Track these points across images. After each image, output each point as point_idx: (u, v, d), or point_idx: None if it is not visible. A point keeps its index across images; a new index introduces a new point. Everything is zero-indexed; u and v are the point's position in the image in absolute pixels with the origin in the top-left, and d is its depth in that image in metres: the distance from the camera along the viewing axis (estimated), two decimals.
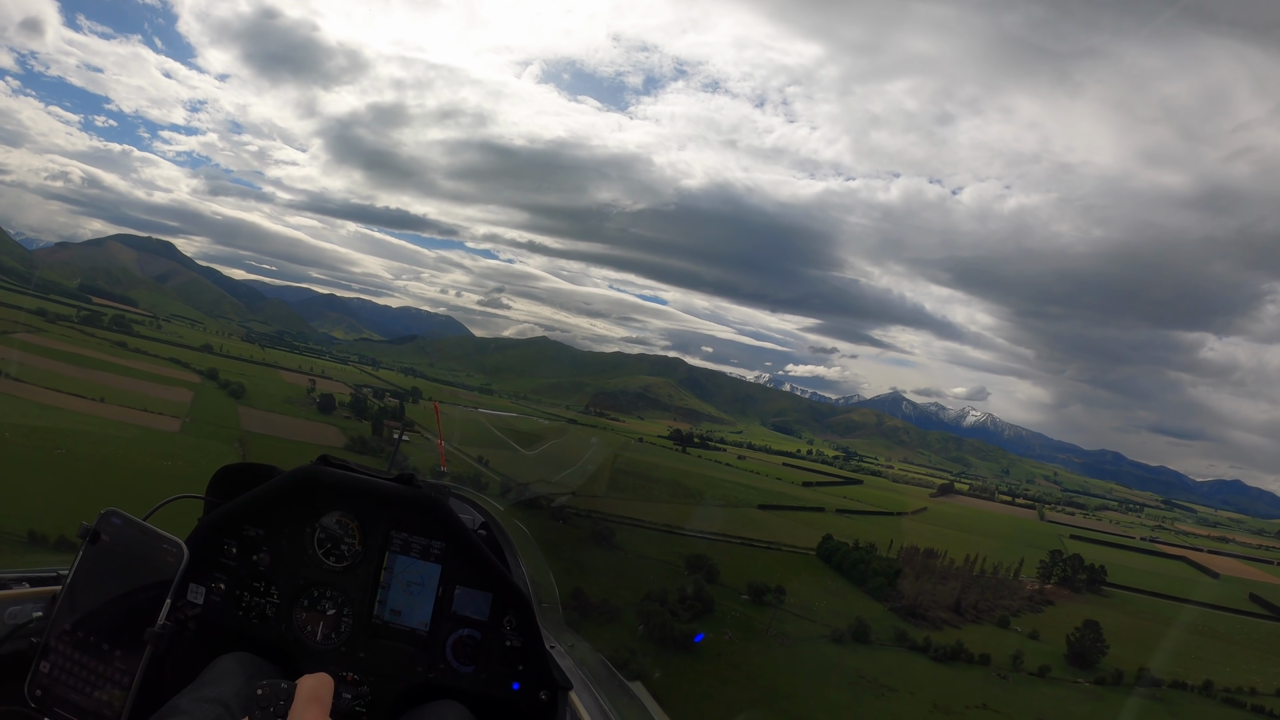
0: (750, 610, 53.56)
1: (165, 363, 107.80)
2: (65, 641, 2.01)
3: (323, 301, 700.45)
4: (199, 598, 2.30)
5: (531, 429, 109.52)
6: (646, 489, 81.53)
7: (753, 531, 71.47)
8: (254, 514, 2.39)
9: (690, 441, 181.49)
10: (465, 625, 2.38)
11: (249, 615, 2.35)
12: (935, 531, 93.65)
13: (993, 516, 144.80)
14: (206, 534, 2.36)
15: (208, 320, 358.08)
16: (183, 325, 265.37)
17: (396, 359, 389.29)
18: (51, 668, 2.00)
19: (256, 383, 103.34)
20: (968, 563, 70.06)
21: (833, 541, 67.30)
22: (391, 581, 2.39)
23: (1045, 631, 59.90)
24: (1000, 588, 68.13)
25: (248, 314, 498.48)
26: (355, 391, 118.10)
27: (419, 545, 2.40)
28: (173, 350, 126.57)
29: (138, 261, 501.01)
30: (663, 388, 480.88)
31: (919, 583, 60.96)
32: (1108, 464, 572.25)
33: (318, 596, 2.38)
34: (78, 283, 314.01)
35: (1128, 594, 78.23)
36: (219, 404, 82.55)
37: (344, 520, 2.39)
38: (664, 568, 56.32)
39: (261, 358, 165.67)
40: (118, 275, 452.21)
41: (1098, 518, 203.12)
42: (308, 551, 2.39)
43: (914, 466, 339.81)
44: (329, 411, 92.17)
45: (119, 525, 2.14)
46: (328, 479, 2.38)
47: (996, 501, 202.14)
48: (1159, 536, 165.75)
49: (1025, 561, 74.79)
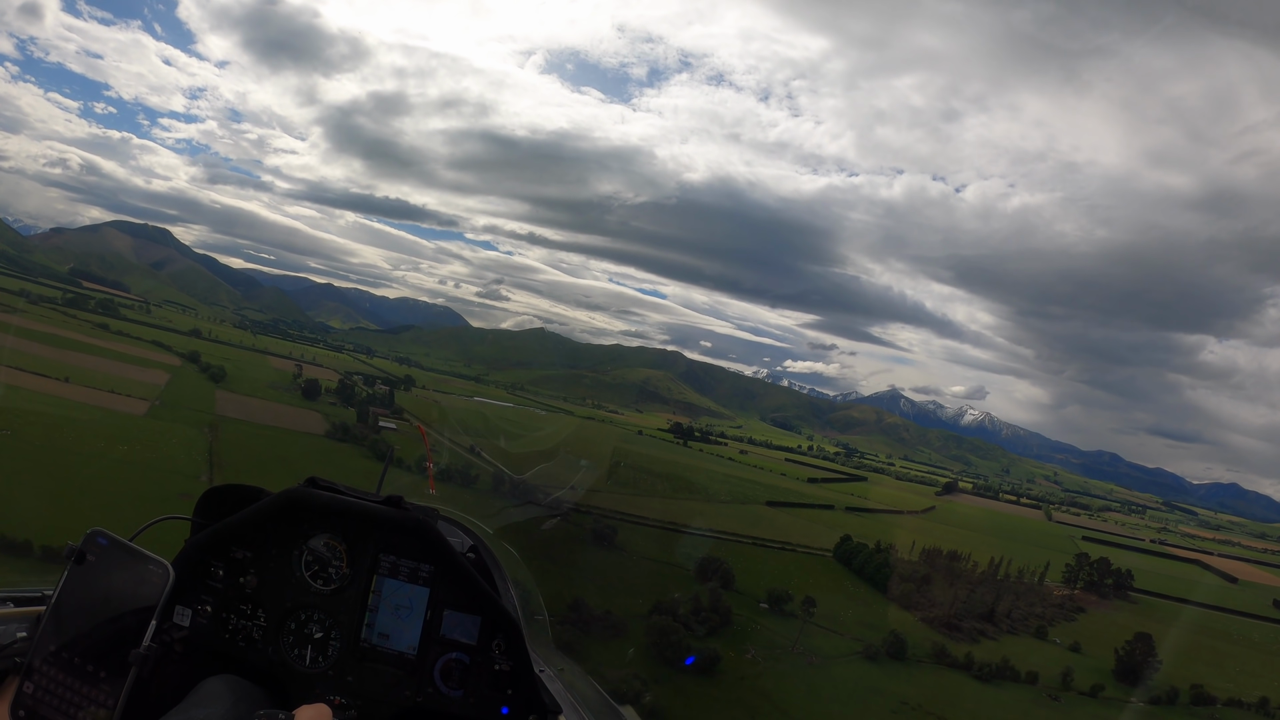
0: (772, 622, 48.67)
1: (148, 345, 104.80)
2: (50, 662, 1.98)
3: (320, 291, 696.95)
4: (185, 620, 2.29)
5: (525, 426, 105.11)
6: (649, 483, 77.49)
7: (763, 530, 67.13)
8: (241, 536, 2.36)
9: (691, 435, 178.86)
10: (454, 649, 2.35)
11: (235, 638, 2.33)
12: (949, 532, 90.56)
13: (1001, 516, 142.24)
14: (193, 555, 2.33)
15: (200, 307, 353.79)
16: (174, 311, 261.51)
17: (392, 348, 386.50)
18: (35, 689, 1.96)
19: (241, 368, 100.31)
20: (992, 566, 65.94)
21: (852, 543, 62.87)
22: (380, 605, 2.36)
23: (1086, 643, 56.00)
24: (1030, 594, 63.97)
25: (243, 302, 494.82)
26: (343, 378, 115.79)
27: (407, 568, 2.37)
28: (158, 334, 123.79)
29: (133, 248, 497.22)
30: (662, 381, 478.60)
31: (949, 589, 56.70)
32: (1105, 465, 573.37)
33: (305, 619, 2.35)
34: (69, 267, 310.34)
35: (1153, 599, 74.74)
36: (196, 388, 79.17)
37: (331, 543, 2.37)
38: (672, 572, 51.27)
39: (251, 344, 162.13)
40: (111, 261, 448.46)
41: (1103, 519, 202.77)
42: (295, 574, 2.37)
43: (915, 464, 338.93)
44: (314, 397, 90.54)
45: (105, 546, 2.11)
46: (315, 501, 2.35)
47: (1001, 501, 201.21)
48: (1166, 539, 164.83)
49: (1050, 565, 70.60)
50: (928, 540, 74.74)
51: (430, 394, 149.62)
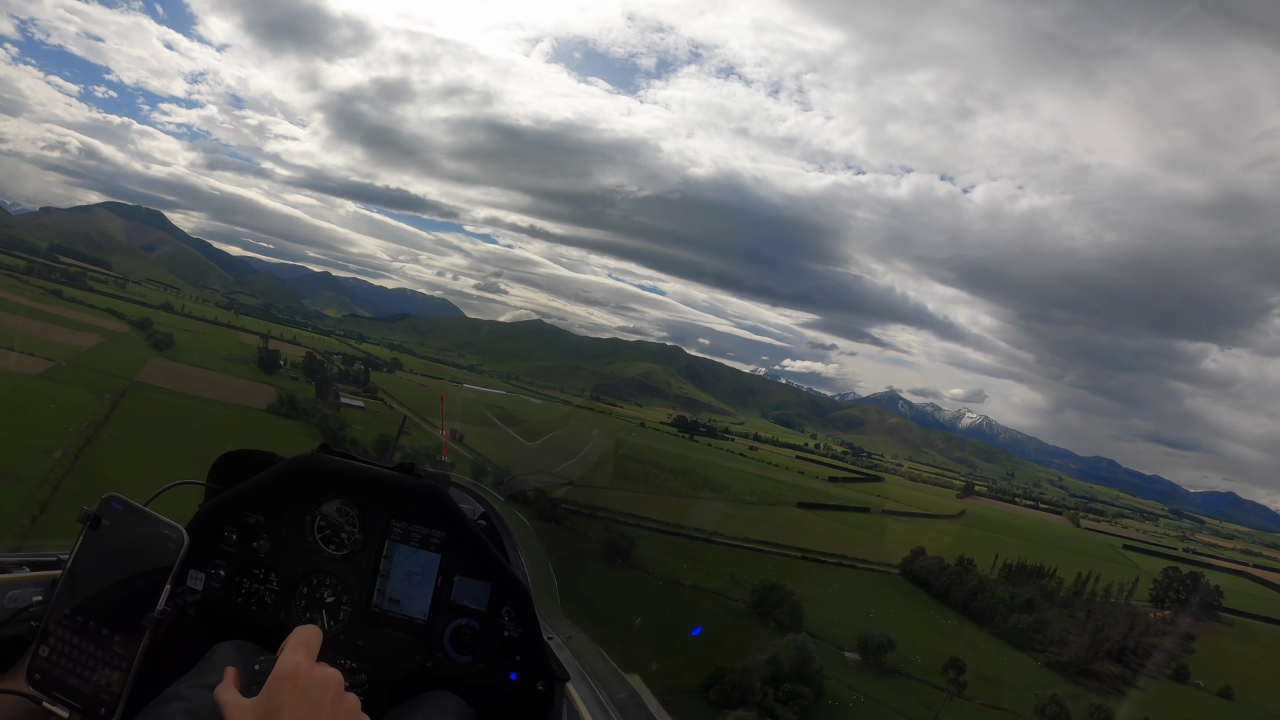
0: (871, 683, 34.69)
1: (98, 313, 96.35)
2: (65, 626, 1.98)
3: (317, 280, 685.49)
4: (198, 584, 2.30)
5: (522, 412, 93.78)
6: (661, 480, 67.34)
7: (804, 538, 56.55)
8: (254, 501, 2.37)
9: (697, 430, 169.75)
10: (464, 615, 2.37)
11: (248, 602, 2.34)
12: (992, 539, 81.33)
13: (1030, 522, 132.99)
14: (207, 520, 2.34)
15: (186, 288, 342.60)
16: (154, 289, 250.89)
17: (387, 336, 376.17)
18: (51, 652, 1.97)
19: (201, 340, 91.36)
20: (1078, 584, 55.26)
21: (926, 558, 51.50)
22: (391, 570, 2.38)
23: (1237, 684, 45.43)
24: (1130, 619, 52.87)
25: (235, 286, 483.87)
26: (311, 354, 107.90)
27: (419, 534, 2.39)
28: (122, 305, 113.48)
29: (125, 230, 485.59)
30: (662, 375, 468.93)
31: (1059, 619, 45.89)
32: (1103, 471, 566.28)
33: (317, 584, 2.37)
34: (48, 243, 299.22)
35: (1245, 620, 65.12)
36: (128, 354, 70.06)
37: (344, 508, 2.37)
38: (716, 605, 39.11)
39: (227, 320, 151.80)
40: (99, 240, 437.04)
41: (1122, 525, 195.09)
42: (308, 539, 2.38)
43: (923, 466, 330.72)
44: (272, 371, 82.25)
45: (120, 510, 2.08)
46: (328, 466, 2.35)
47: (1019, 505, 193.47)
48: (1195, 549, 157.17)
49: (1136, 582, 60.03)
50: (977, 549, 64.77)
51: (416, 378, 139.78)
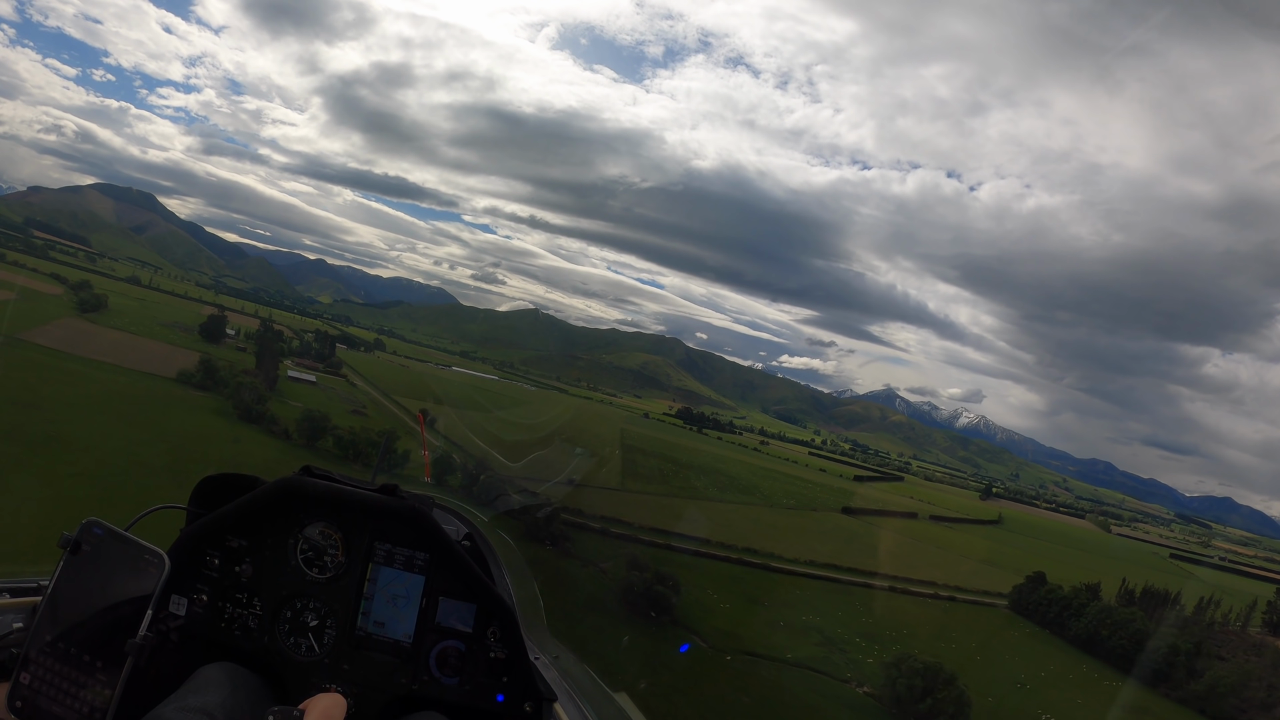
0: None
1: (38, 276, 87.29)
2: (46, 653, 1.99)
3: (311, 266, 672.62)
4: (181, 609, 2.29)
5: (513, 412, 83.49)
6: (681, 478, 56.82)
7: (868, 557, 46.38)
8: (236, 525, 2.36)
9: (704, 422, 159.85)
10: (449, 636, 2.37)
11: (231, 627, 2.33)
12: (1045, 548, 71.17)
13: (1064, 528, 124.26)
14: (189, 545, 2.33)
15: (169, 267, 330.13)
16: (134, 266, 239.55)
17: (378, 322, 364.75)
18: (32, 679, 1.98)
19: (148, 308, 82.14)
20: (1199, 611, 45.56)
21: (1047, 589, 41.17)
22: (375, 593, 2.37)
23: None
24: (1264, 654, 43.02)
25: (225, 270, 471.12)
26: (266, 322, 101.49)
27: (403, 556, 2.38)
28: (77, 274, 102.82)
29: (115, 211, 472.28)
30: (660, 366, 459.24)
31: (1214, 664, 35.99)
32: (1100, 473, 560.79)
33: (301, 608, 2.36)
34: (25, 219, 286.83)
35: None
36: (32, 313, 59.77)
37: (327, 531, 2.37)
38: (821, 693, 27.38)
39: (199, 295, 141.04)
40: (85, 220, 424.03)
41: (1144, 531, 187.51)
42: (290, 563, 2.37)
43: (929, 464, 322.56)
44: (215, 340, 74.06)
45: (100, 535, 2.10)
46: (311, 490, 2.35)
47: (1039, 508, 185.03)
48: (1228, 557, 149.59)
49: (1257, 606, 50.24)
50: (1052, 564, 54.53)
51: (398, 359, 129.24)
